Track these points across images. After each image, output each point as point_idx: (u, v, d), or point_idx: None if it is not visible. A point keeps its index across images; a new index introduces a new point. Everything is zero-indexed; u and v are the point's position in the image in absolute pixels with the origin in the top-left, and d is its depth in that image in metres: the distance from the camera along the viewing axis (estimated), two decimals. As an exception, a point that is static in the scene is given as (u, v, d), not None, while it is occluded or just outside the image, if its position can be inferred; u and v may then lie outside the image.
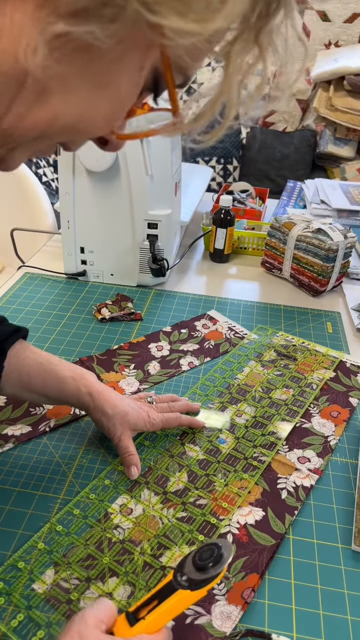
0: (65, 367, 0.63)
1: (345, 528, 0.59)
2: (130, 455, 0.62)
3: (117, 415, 0.62)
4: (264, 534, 0.56)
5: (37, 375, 0.61)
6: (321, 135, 2.41)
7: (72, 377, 0.62)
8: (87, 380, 0.63)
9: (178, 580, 0.42)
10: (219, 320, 0.95)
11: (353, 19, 2.41)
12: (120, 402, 0.63)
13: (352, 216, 1.39)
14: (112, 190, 0.95)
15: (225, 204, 1.11)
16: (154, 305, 0.99)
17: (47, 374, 0.61)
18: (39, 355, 0.63)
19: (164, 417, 0.66)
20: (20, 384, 0.61)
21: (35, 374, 0.61)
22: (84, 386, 0.62)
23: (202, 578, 0.41)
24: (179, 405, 0.70)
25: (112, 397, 0.63)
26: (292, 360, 0.85)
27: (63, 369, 0.62)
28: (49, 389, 0.62)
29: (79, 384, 0.62)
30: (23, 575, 0.51)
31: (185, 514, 0.58)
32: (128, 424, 0.63)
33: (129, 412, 0.63)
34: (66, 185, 0.96)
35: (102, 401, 0.62)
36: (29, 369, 0.61)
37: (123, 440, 0.62)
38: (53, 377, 0.62)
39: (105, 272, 1.04)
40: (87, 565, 0.52)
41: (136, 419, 0.63)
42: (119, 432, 0.62)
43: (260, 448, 0.67)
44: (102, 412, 0.62)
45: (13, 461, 0.64)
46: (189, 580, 0.41)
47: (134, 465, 0.61)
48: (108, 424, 0.62)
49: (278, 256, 1.08)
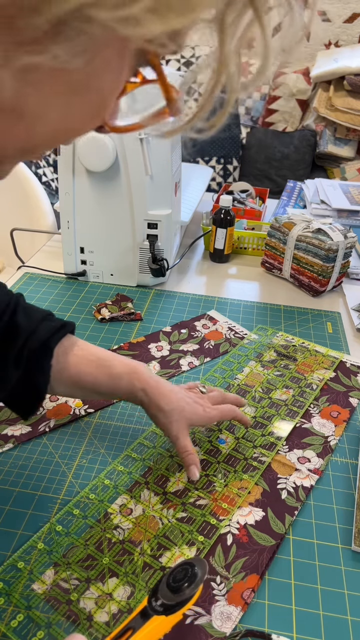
0: (116, 362, 0.61)
1: (345, 528, 0.59)
2: (190, 455, 0.59)
3: (174, 411, 0.59)
4: (264, 534, 0.56)
5: (88, 373, 0.59)
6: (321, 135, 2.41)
7: (124, 372, 0.60)
8: (140, 375, 0.60)
9: (152, 605, 0.41)
10: (219, 320, 0.95)
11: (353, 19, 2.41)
12: (175, 396, 0.60)
13: (352, 216, 1.39)
14: (112, 190, 0.95)
15: (225, 204, 1.11)
16: (153, 306, 0.99)
17: (98, 371, 0.59)
18: (89, 351, 0.61)
19: (219, 409, 0.64)
20: (71, 382, 0.60)
21: (86, 372, 0.59)
22: (137, 381, 0.60)
23: (177, 601, 0.41)
24: (231, 397, 0.68)
25: (167, 391, 0.60)
26: (292, 360, 0.85)
27: (114, 364, 0.60)
28: (102, 387, 0.60)
29: (132, 380, 0.60)
30: (23, 576, 0.51)
31: (185, 515, 0.58)
32: (185, 420, 0.60)
33: (185, 407, 0.60)
34: (66, 185, 0.96)
35: (158, 396, 0.59)
36: (79, 367, 0.59)
37: (180, 439, 0.60)
38: (105, 373, 0.59)
39: (105, 272, 1.04)
40: (87, 565, 0.52)
41: (192, 414, 0.61)
42: (175, 430, 0.60)
43: (260, 448, 0.67)
44: (158, 408, 0.59)
45: (13, 461, 0.64)
46: (163, 605, 0.41)
47: (193, 464, 0.59)
48: (165, 420, 0.60)
49: (278, 256, 1.08)
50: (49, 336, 0.58)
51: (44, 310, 0.61)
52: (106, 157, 0.90)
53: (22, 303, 0.59)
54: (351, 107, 2.28)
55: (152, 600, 0.41)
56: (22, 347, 0.56)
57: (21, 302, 0.59)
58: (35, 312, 0.59)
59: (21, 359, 0.55)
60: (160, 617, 0.40)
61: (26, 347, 0.56)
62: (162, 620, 0.41)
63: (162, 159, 0.94)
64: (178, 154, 1.04)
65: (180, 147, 1.04)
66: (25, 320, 0.57)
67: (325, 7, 2.41)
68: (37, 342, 0.57)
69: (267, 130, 2.50)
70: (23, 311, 0.58)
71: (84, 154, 0.90)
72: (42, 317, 0.59)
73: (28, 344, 0.56)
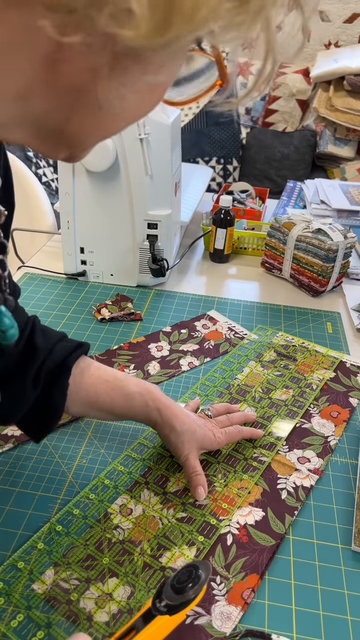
0: (131, 382, 0.62)
1: (345, 528, 0.59)
2: (198, 475, 0.60)
3: (186, 432, 0.61)
4: (263, 534, 0.56)
5: (104, 392, 0.60)
6: (321, 135, 2.41)
7: (139, 392, 0.61)
8: (154, 395, 0.61)
9: (157, 606, 0.41)
10: (218, 320, 0.95)
11: (353, 19, 2.42)
12: (187, 418, 0.62)
13: (352, 216, 1.39)
14: (112, 190, 0.95)
15: (225, 204, 1.11)
16: (153, 306, 0.99)
17: (114, 391, 0.60)
18: (104, 371, 0.62)
19: (227, 433, 0.65)
20: (88, 403, 0.61)
21: (102, 392, 0.60)
22: (151, 401, 0.61)
23: (181, 602, 0.41)
24: (238, 417, 0.69)
25: (180, 412, 0.62)
26: (292, 360, 0.85)
27: (130, 384, 0.61)
28: (117, 407, 0.61)
29: (146, 399, 0.61)
30: (23, 576, 0.51)
31: (185, 515, 0.58)
32: (196, 442, 0.62)
33: (197, 430, 0.62)
34: (66, 185, 0.96)
35: (171, 417, 0.61)
36: (96, 387, 0.60)
37: (190, 459, 0.61)
38: (120, 394, 0.60)
39: (105, 272, 1.04)
40: (87, 565, 0.52)
41: (203, 437, 0.62)
42: (187, 451, 0.61)
43: (260, 449, 0.67)
44: (171, 428, 0.61)
45: (13, 461, 0.64)
46: (167, 605, 0.41)
47: (200, 485, 0.60)
48: (176, 440, 0.61)
49: (278, 256, 1.08)
50: (66, 355, 0.58)
51: (59, 332, 0.62)
52: (106, 157, 0.90)
53: (37, 324, 0.59)
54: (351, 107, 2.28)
55: (156, 601, 0.41)
56: (40, 368, 0.56)
57: (37, 324, 0.59)
58: (51, 333, 0.60)
59: (39, 380, 0.56)
60: (164, 617, 0.41)
61: (44, 367, 0.56)
62: (166, 620, 0.41)
63: (162, 159, 0.94)
64: (178, 154, 1.04)
65: (180, 147, 1.04)
66: (43, 342, 0.57)
67: (325, 7, 2.41)
68: (55, 362, 0.57)
69: (267, 131, 2.50)
70: (40, 332, 0.58)
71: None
72: (58, 338, 0.60)
73: (46, 364, 0.56)
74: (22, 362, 0.56)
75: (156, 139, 0.91)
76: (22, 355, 0.56)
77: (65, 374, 0.58)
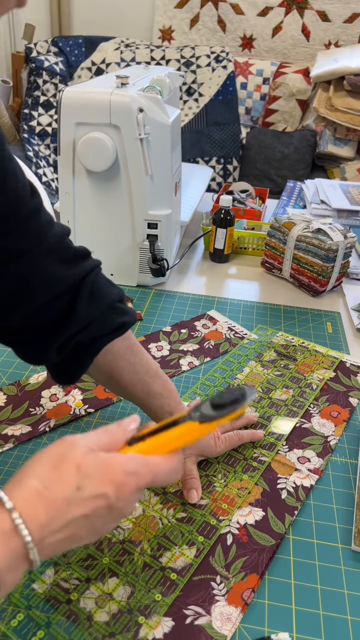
0: (158, 380, 0.61)
1: (345, 528, 0.59)
2: (192, 479, 0.61)
3: None
4: (263, 534, 0.56)
5: (129, 380, 0.60)
6: (321, 135, 2.40)
7: (160, 393, 0.60)
8: (172, 400, 0.61)
9: (191, 415, 0.40)
10: (219, 320, 0.95)
11: (353, 19, 2.41)
12: None
13: (352, 216, 1.39)
14: (112, 190, 0.95)
15: (225, 204, 1.11)
16: (153, 305, 0.99)
17: (139, 384, 0.60)
18: (139, 360, 0.60)
19: (227, 440, 0.65)
20: (110, 380, 0.60)
21: (127, 379, 0.60)
22: (167, 405, 0.61)
23: (215, 414, 0.39)
24: (239, 421, 0.69)
25: None
26: (292, 360, 0.85)
27: (156, 382, 0.61)
28: (135, 397, 0.61)
29: (164, 403, 0.61)
30: (23, 575, 0.51)
31: (185, 515, 0.58)
32: (196, 449, 0.62)
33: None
34: (66, 185, 0.96)
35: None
36: (123, 372, 0.59)
37: (187, 463, 0.61)
38: (143, 389, 0.60)
39: (105, 272, 1.03)
40: (87, 565, 0.52)
41: (205, 446, 0.63)
42: (185, 455, 0.61)
43: (260, 449, 0.67)
44: None
45: (13, 461, 0.64)
46: (201, 414, 0.39)
47: (194, 489, 0.60)
48: None
49: (278, 256, 1.08)
50: (101, 335, 0.56)
51: (114, 294, 0.58)
52: (106, 157, 0.90)
53: (88, 285, 0.55)
54: (351, 107, 2.28)
55: (191, 412, 0.40)
56: (70, 338, 0.54)
57: (87, 285, 0.55)
58: (101, 299, 0.57)
59: (65, 348, 0.55)
60: (193, 423, 0.39)
61: (74, 339, 0.55)
62: (195, 426, 0.39)
63: (162, 159, 0.94)
64: (178, 154, 1.04)
65: (180, 147, 1.04)
66: (85, 309, 0.54)
67: (325, 7, 2.41)
68: (87, 337, 0.55)
69: (267, 130, 2.50)
70: (88, 296, 0.55)
71: (84, 154, 0.90)
72: (107, 306, 0.57)
73: (77, 336, 0.55)
74: (54, 324, 0.54)
75: (156, 139, 0.91)
76: (58, 316, 0.54)
77: (92, 354, 0.56)
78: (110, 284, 0.59)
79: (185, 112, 2.48)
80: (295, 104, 2.46)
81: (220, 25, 2.52)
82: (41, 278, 0.52)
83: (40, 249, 0.52)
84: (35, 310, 0.53)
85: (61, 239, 0.55)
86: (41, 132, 2.42)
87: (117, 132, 0.89)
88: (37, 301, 0.52)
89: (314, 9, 2.42)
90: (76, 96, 0.89)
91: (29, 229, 0.51)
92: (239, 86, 2.49)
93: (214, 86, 2.47)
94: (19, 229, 0.50)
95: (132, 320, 0.59)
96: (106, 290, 0.58)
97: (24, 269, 0.51)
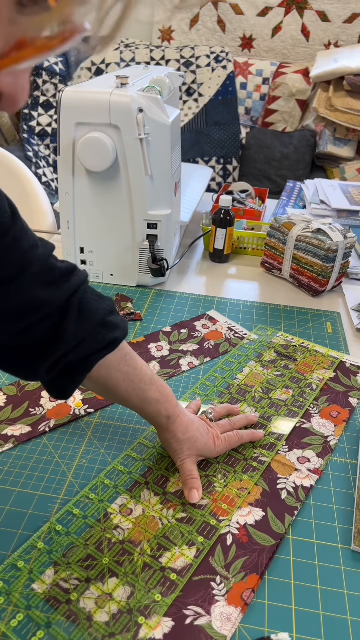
0: (154, 387, 0.61)
1: (345, 528, 0.59)
2: (193, 479, 0.61)
3: (188, 440, 0.62)
4: (263, 535, 0.56)
5: (124, 390, 0.60)
6: (321, 135, 2.41)
7: (157, 399, 0.61)
8: (169, 404, 0.61)
9: None
10: (218, 320, 0.95)
11: (353, 19, 2.41)
12: (192, 426, 0.63)
13: (352, 216, 1.39)
14: (112, 190, 0.95)
15: (225, 204, 1.11)
16: (153, 306, 0.99)
17: (134, 392, 0.60)
18: (133, 369, 0.60)
19: (227, 441, 0.65)
20: (105, 389, 0.61)
21: (123, 389, 0.60)
22: (164, 409, 0.61)
23: None
24: (240, 421, 0.69)
25: (187, 421, 0.63)
26: (292, 360, 0.85)
27: (152, 389, 0.61)
28: (131, 404, 0.62)
29: (161, 408, 0.61)
30: (23, 575, 0.51)
31: (185, 515, 0.58)
32: (196, 450, 0.62)
33: (198, 438, 0.63)
34: (66, 185, 0.96)
35: (177, 425, 0.62)
36: (118, 382, 0.59)
37: (187, 463, 0.62)
38: (138, 396, 0.61)
39: (105, 272, 1.04)
40: (87, 565, 0.52)
41: (204, 446, 0.63)
42: (185, 456, 0.62)
43: (260, 449, 0.67)
44: (174, 436, 0.62)
45: (13, 461, 0.64)
46: None
47: (195, 489, 0.60)
48: (177, 447, 0.62)
49: (278, 256, 1.08)
50: (92, 353, 0.56)
51: (103, 308, 0.57)
52: (106, 157, 0.90)
53: (76, 304, 0.54)
54: (351, 107, 2.28)
55: None
56: (61, 358, 0.54)
57: (75, 303, 0.54)
58: (91, 316, 0.55)
59: (56, 367, 0.54)
60: None
61: (65, 359, 0.54)
62: None
63: (162, 159, 0.94)
64: (178, 154, 1.04)
65: (180, 147, 1.04)
66: (74, 329, 0.53)
67: (325, 7, 2.41)
68: (78, 357, 0.55)
69: (267, 131, 2.50)
70: (77, 314, 0.54)
71: (84, 154, 0.90)
72: (97, 322, 0.56)
73: (68, 356, 0.54)
74: (44, 345, 0.53)
75: (156, 139, 0.91)
76: (48, 336, 0.53)
77: (84, 371, 0.56)
78: (99, 297, 0.58)
79: (185, 113, 2.48)
80: (295, 104, 2.46)
81: (220, 25, 2.52)
82: (27, 304, 0.51)
83: (24, 276, 0.51)
84: (22, 331, 0.52)
85: (46, 262, 0.53)
86: (41, 132, 2.43)
87: (117, 132, 0.89)
88: (23, 323, 0.52)
89: (313, 9, 2.43)
90: (76, 96, 0.89)
91: (11, 258, 0.50)
92: (239, 86, 2.49)
93: (214, 86, 2.47)
94: (1, 260, 0.49)
95: (124, 335, 0.59)
96: (95, 306, 0.56)
97: (8, 296, 0.50)
